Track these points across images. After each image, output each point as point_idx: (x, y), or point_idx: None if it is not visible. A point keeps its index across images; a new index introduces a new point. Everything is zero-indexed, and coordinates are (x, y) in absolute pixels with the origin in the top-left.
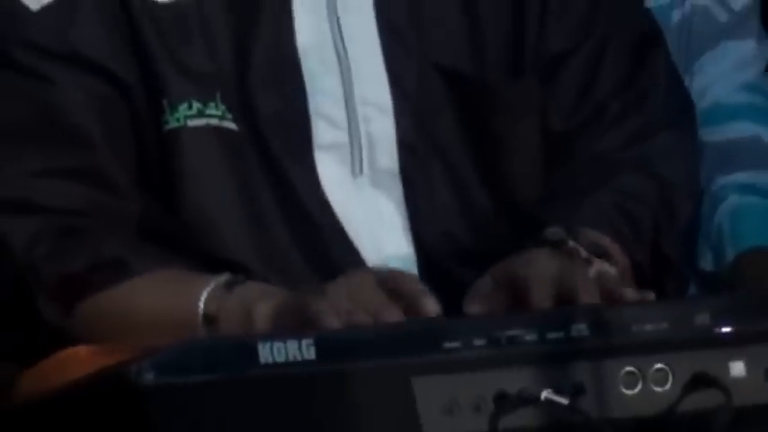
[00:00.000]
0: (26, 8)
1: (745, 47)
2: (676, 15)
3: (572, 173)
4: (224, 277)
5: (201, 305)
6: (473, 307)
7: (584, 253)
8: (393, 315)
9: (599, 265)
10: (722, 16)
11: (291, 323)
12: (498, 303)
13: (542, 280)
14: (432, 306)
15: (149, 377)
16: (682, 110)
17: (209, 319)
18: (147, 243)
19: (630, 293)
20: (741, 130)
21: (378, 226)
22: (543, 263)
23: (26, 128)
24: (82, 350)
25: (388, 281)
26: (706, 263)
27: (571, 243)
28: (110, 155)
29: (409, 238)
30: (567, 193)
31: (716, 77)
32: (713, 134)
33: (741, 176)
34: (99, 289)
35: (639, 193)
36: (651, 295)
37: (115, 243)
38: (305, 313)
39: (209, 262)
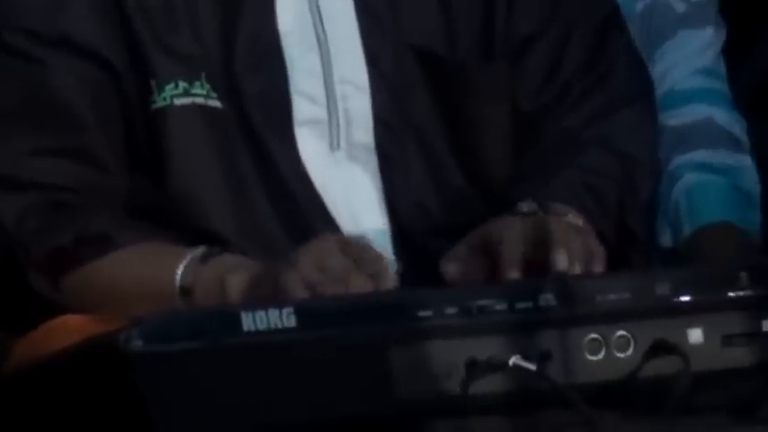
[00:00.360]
0: None
1: (702, 35)
2: (639, 6)
3: (540, 152)
4: (200, 250)
5: (178, 278)
6: (449, 267)
7: (557, 224)
8: (358, 282)
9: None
10: (680, 7)
11: (264, 294)
12: (473, 266)
13: (514, 236)
14: (389, 282)
15: (138, 344)
16: (643, 91)
17: (185, 290)
18: (132, 218)
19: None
20: (696, 112)
21: (354, 198)
22: (515, 223)
23: (18, 109)
24: (70, 319)
25: (352, 248)
26: (665, 239)
27: (542, 215)
28: (99, 135)
29: (384, 210)
30: (536, 172)
31: (674, 64)
32: (670, 118)
33: (696, 156)
34: (84, 262)
35: (603, 170)
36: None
37: (101, 218)
38: (276, 284)
39: (195, 235)
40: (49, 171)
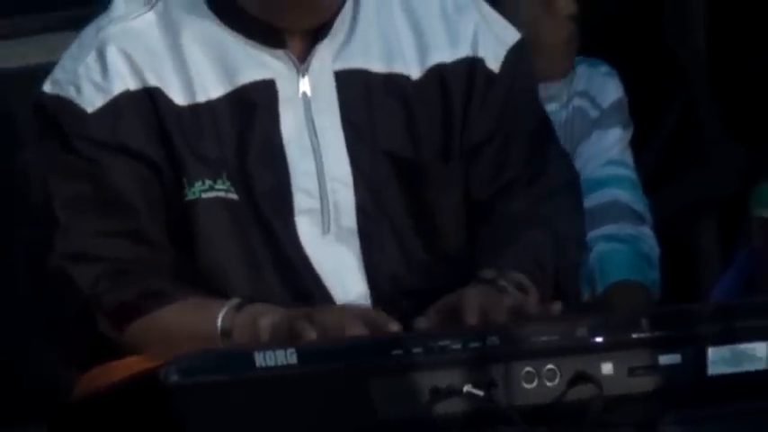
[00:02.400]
0: (84, 111)
1: (611, 134)
2: (563, 116)
3: (493, 231)
4: (235, 300)
5: (219, 323)
6: (419, 325)
7: (510, 289)
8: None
9: (519, 297)
10: (594, 113)
11: (285, 334)
12: (439, 323)
13: (471, 306)
14: (393, 326)
15: (174, 378)
16: (570, 180)
17: (225, 332)
18: (177, 280)
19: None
20: (606, 195)
21: (342, 271)
22: (473, 295)
23: (86, 200)
24: (131, 360)
25: (358, 313)
26: (585, 294)
27: (501, 281)
28: (149, 220)
29: (365, 280)
30: (493, 246)
31: (589, 158)
32: (587, 201)
33: (605, 230)
34: (145, 313)
35: (543, 244)
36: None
37: (156, 279)
38: (293, 328)
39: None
40: (111, 248)
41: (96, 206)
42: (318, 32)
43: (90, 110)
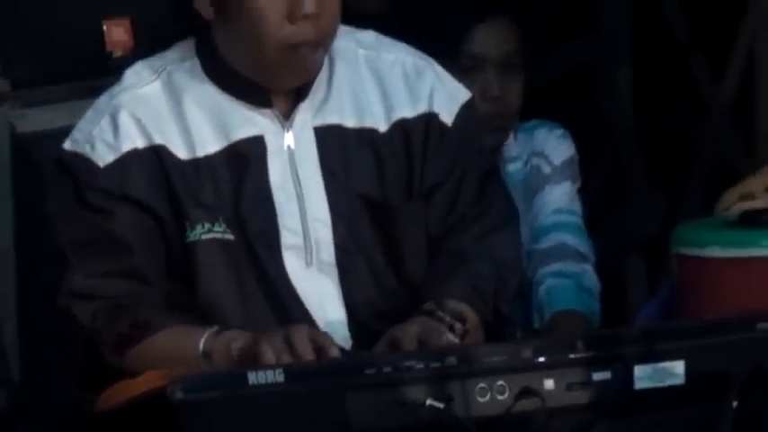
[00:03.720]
0: (96, 165)
1: (562, 187)
2: (521, 174)
3: (441, 263)
4: (214, 328)
5: (201, 346)
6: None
7: (447, 318)
8: (308, 354)
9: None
10: (546, 169)
11: (251, 356)
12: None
13: (410, 338)
14: (334, 352)
15: (180, 395)
16: (510, 217)
17: (206, 354)
18: (169, 311)
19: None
20: (555, 239)
21: (323, 299)
22: (410, 328)
23: (89, 244)
24: (141, 379)
25: (312, 335)
26: (535, 322)
27: (439, 312)
28: (143, 259)
29: (343, 306)
30: (438, 277)
31: (541, 208)
32: (539, 244)
33: (553, 267)
34: (138, 341)
35: (484, 274)
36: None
37: (147, 311)
38: (255, 351)
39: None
40: (108, 287)
41: (99, 249)
42: (300, 93)
43: (101, 164)
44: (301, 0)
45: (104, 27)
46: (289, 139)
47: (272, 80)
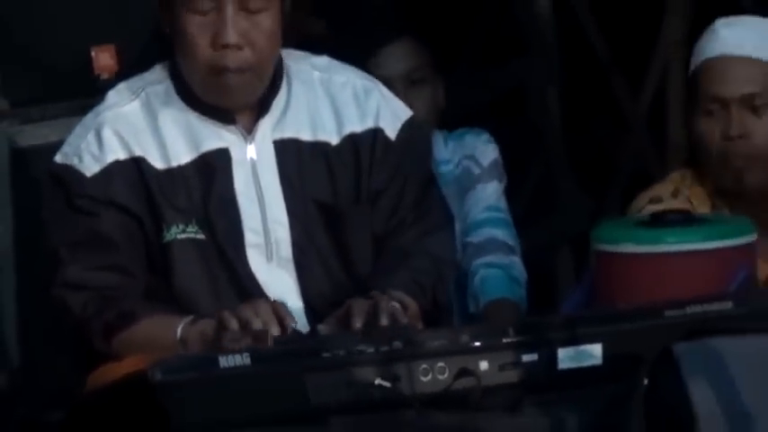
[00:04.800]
0: (83, 175)
1: (490, 186)
2: (454, 174)
3: (385, 259)
4: (190, 317)
5: (178, 334)
6: (322, 329)
7: (383, 300)
8: (270, 318)
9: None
10: (476, 170)
11: (216, 335)
12: (337, 328)
13: (359, 311)
14: (289, 321)
15: (159, 376)
16: (447, 219)
17: (183, 340)
18: (150, 301)
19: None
20: (485, 233)
21: (283, 290)
22: (359, 303)
23: (80, 243)
24: (125, 362)
25: (273, 306)
26: (471, 309)
27: (378, 297)
28: (127, 256)
29: (301, 297)
30: (383, 271)
31: (472, 205)
32: (471, 238)
33: (485, 259)
34: (122, 329)
35: (423, 269)
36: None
37: (131, 302)
38: (221, 321)
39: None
40: (98, 279)
41: (89, 247)
42: (261, 110)
43: (88, 174)
44: (222, 31)
45: (93, 53)
46: (251, 151)
47: (209, 100)
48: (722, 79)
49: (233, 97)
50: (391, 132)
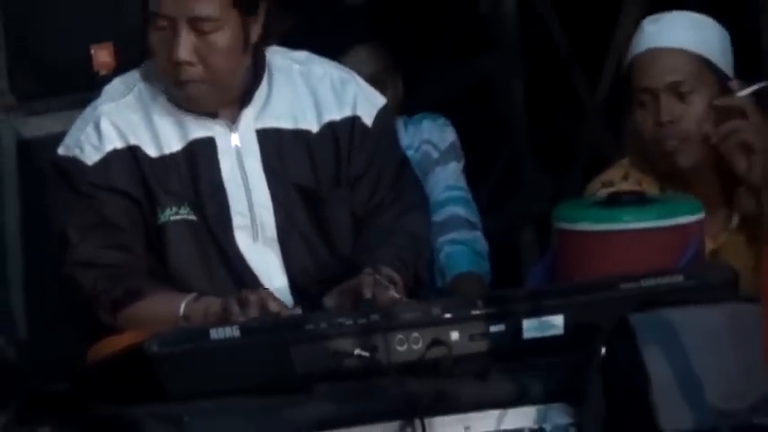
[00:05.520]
0: (85, 164)
1: (449, 167)
2: (414, 158)
3: (368, 237)
4: (193, 294)
5: (181, 310)
6: (328, 301)
7: (382, 278)
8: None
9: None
10: (434, 154)
11: (221, 312)
12: (342, 299)
13: (368, 286)
14: (275, 307)
15: (155, 348)
16: (422, 200)
17: (186, 317)
18: (154, 279)
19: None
20: (448, 211)
21: (269, 269)
22: (367, 279)
23: (88, 225)
24: (124, 336)
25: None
26: (438, 283)
27: (377, 275)
28: (132, 237)
29: (285, 275)
30: (367, 248)
31: (433, 186)
32: (435, 216)
33: (450, 236)
34: (130, 304)
35: (404, 246)
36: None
37: (137, 279)
38: (225, 308)
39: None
40: (106, 258)
41: (95, 229)
42: (243, 102)
43: (89, 163)
44: (175, 49)
45: (92, 51)
46: (235, 139)
47: (178, 104)
48: (649, 71)
49: (193, 105)
50: (368, 119)
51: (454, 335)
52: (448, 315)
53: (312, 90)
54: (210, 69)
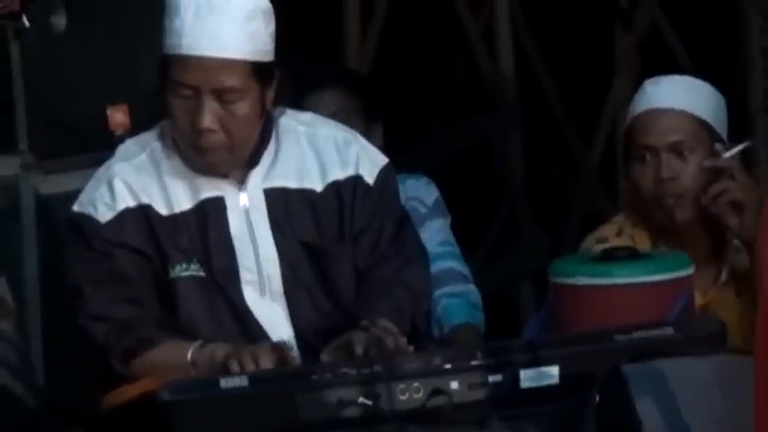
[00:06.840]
0: (99, 222)
1: (437, 223)
2: None
3: (368, 290)
4: (199, 342)
5: (189, 357)
6: (324, 356)
7: (378, 331)
8: (267, 361)
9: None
10: (422, 210)
11: (225, 363)
12: (336, 355)
13: (359, 341)
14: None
15: (167, 396)
16: (420, 254)
17: (194, 363)
18: (164, 329)
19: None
20: (443, 265)
21: (275, 322)
22: (358, 335)
23: (101, 279)
24: (138, 384)
25: (272, 347)
26: (435, 333)
27: (372, 328)
28: (142, 290)
29: (291, 326)
30: (367, 301)
31: (426, 240)
32: (431, 270)
33: (446, 289)
34: (141, 353)
35: (403, 299)
36: (409, 348)
37: (145, 330)
38: (226, 360)
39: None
40: (117, 311)
41: (108, 283)
42: (252, 163)
43: (103, 221)
44: (198, 118)
45: (108, 111)
46: (243, 198)
47: (194, 168)
48: (651, 130)
49: (210, 171)
50: (369, 178)
51: (454, 384)
52: (448, 365)
53: (317, 151)
54: (231, 137)
